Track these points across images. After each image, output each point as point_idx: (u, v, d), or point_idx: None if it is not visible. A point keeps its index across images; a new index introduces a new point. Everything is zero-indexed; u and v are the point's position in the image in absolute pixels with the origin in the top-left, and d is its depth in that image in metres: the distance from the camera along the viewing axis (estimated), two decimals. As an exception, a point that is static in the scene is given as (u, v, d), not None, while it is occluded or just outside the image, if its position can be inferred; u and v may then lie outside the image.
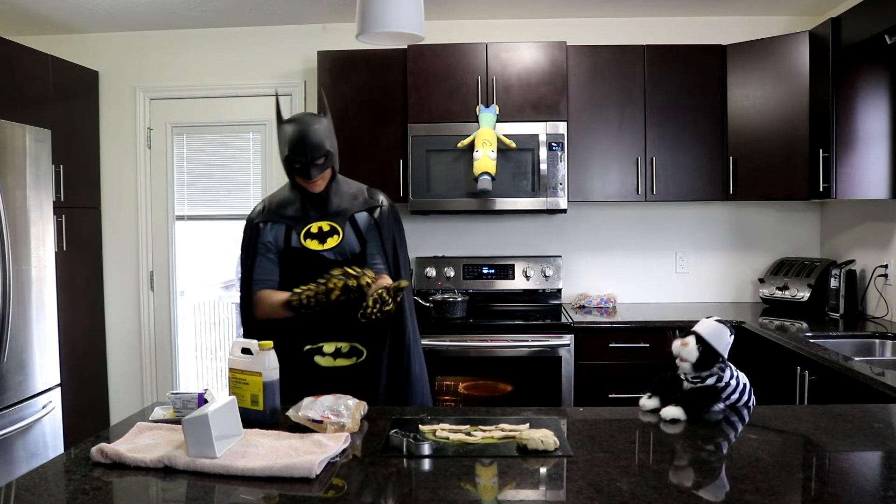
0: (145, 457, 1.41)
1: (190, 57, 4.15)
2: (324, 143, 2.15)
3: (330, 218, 2.24)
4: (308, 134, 2.13)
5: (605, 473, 1.37)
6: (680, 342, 1.78)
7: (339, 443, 1.48)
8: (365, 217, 2.27)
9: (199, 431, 1.40)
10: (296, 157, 2.14)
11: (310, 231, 2.23)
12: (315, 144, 2.13)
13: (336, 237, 2.22)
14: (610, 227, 4.07)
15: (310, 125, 2.15)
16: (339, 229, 2.23)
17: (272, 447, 1.46)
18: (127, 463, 1.40)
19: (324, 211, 2.25)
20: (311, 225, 2.24)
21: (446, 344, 3.37)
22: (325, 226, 2.24)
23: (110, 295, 4.23)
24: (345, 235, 2.23)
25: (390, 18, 1.98)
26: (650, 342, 3.35)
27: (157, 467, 1.40)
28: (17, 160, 3.00)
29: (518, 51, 3.62)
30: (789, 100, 3.44)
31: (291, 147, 2.14)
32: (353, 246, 2.25)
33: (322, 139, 2.15)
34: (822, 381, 2.54)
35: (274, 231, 2.26)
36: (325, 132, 2.17)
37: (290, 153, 2.15)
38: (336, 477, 1.36)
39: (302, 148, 2.13)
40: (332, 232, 2.23)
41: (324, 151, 2.14)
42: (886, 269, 3.33)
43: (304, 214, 2.25)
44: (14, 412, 2.94)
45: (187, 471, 1.38)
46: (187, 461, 1.39)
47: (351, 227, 2.25)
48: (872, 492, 1.28)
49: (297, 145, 2.13)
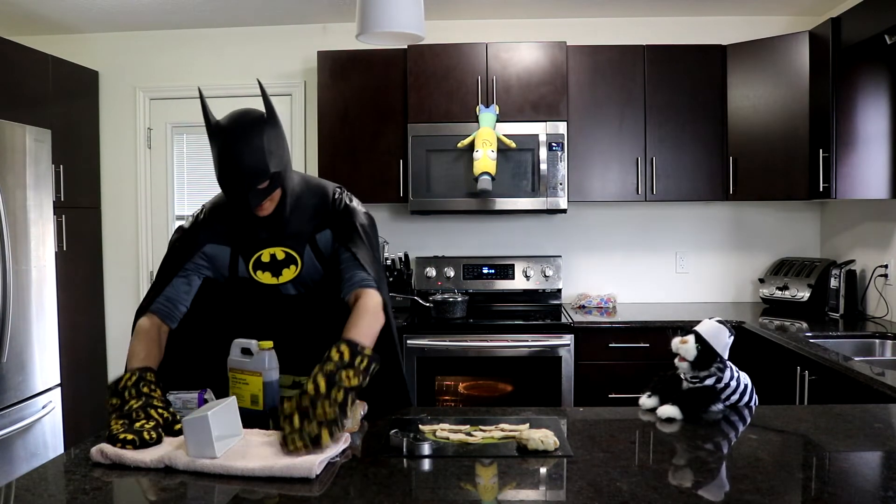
0: (145, 457, 1.41)
1: (190, 57, 4.15)
2: (265, 164, 1.64)
3: (285, 242, 1.80)
4: (241, 156, 1.63)
5: (605, 473, 1.37)
6: (679, 340, 1.79)
7: (338, 443, 1.48)
8: (328, 237, 1.82)
9: (200, 432, 1.40)
10: (227, 185, 1.66)
11: (260, 260, 1.80)
12: (251, 170, 1.63)
13: (293, 268, 1.80)
14: (610, 227, 4.07)
15: (243, 143, 1.63)
16: (297, 257, 1.80)
17: (272, 447, 1.46)
18: (127, 463, 1.40)
19: (277, 233, 1.80)
20: (261, 252, 1.80)
21: (446, 344, 3.37)
22: (278, 253, 1.80)
23: (110, 295, 4.23)
24: (304, 264, 1.81)
25: (390, 18, 1.98)
26: (650, 342, 3.35)
27: (157, 467, 1.39)
28: (17, 160, 3.00)
29: (518, 51, 3.62)
30: (789, 100, 3.44)
31: (221, 172, 1.66)
32: (314, 274, 1.83)
33: (262, 160, 1.64)
34: (822, 381, 2.54)
35: (215, 253, 1.82)
36: (266, 147, 1.65)
37: (219, 178, 1.66)
38: (336, 477, 1.36)
39: (235, 175, 1.64)
40: (289, 261, 1.80)
41: (266, 176, 1.65)
42: (886, 269, 3.33)
43: (253, 236, 1.80)
44: (14, 412, 2.94)
45: (187, 471, 1.38)
46: (187, 461, 1.39)
47: (311, 250, 1.82)
48: (872, 492, 1.28)
49: (228, 171, 1.64)
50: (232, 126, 1.66)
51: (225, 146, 1.65)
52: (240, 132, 1.65)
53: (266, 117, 1.69)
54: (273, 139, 1.68)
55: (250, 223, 1.77)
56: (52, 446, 3.16)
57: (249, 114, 1.70)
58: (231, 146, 1.64)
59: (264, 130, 1.66)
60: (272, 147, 1.67)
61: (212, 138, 1.68)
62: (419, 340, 3.37)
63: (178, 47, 4.15)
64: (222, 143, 1.65)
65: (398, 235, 4.05)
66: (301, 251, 1.81)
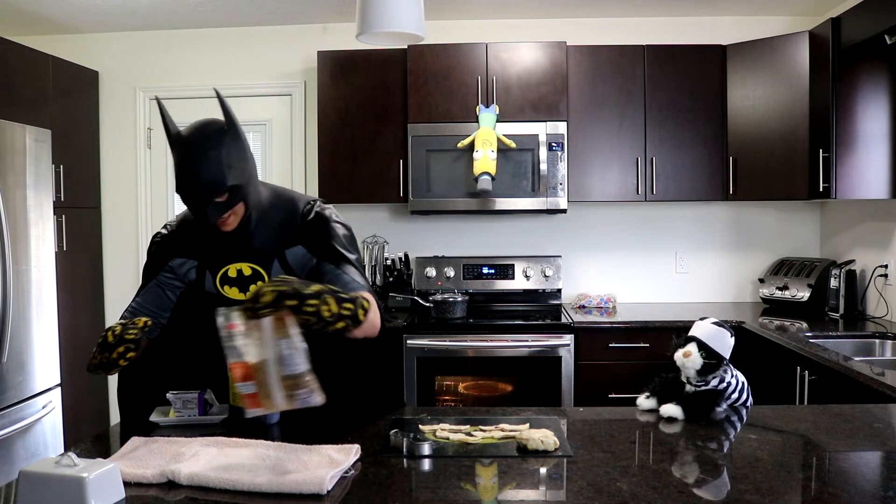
0: (146, 472, 1.35)
1: (190, 57, 4.15)
2: (222, 177, 1.60)
3: (252, 258, 1.76)
4: (198, 169, 1.58)
5: (605, 473, 1.37)
6: (682, 353, 1.76)
7: (349, 455, 1.42)
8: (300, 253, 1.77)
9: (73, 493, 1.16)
10: (185, 197, 1.62)
11: (227, 275, 1.77)
12: (208, 183, 1.59)
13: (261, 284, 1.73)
14: (610, 227, 4.07)
15: (200, 153, 1.59)
16: (264, 274, 1.76)
17: (280, 460, 1.40)
18: (127, 479, 1.31)
19: (243, 248, 1.75)
20: (228, 267, 1.77)
21: (446, 344, 3.37)
22: (245, 269, 1.76)
23: (110, 295, 4.22)
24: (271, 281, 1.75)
25: (390, 18, 1.98)
26: (650, 342, 3.35)
27: (159, 482, 1.33)
28: (17, 160, 3.00)
29: (518, 51, 3.62)
30: (789, 100, 3.44)
31: (178, 183, 1.62)
32: None
33: (220, 172, 1.60)
34: (822, 381, 2.54)
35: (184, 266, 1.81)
36: (224, 161, 1.60)
37: (177, 190, 1.63)
38: (347, 493, 1.29)
39: (191, 187, 1.60)
40: (255, 277, 1.76)
41: (223, 189, 1.61)
42: (886, 269, 3.33)
43: (219, 249, 1.76)
44: (14, 412, 2.94)
45: (191, 485, 1.31)
46: (189, 474, 1.32)
47: (280, 266, 1.77)
48: (872, 492, 1.28)
49: (184, 183, 1.61)
50: (190, 137, 1.62)
51: (183, 157, 1.61)
52: (198, 143, 1.60)
53: (226, 128, 1.65)
54: (233, 151, 1.63)
55: (216, 237, 1.74)
56: (52, 446, 3.16)
57: (210, 125, 1.66)
58: (188, 157, 1.60)
59: (223, 142, 1.62)
60: (231, 160, 1.62)
61: (172, 148, 1.65)
62: (419, 340, 3.37)
63: (177, 47, 4.15)
64: (180, 154, 1.61)
65: (398, 235, 4.05)
66: (268, 268, 1.77)
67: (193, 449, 1.47)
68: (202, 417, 1.73)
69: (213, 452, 1.45)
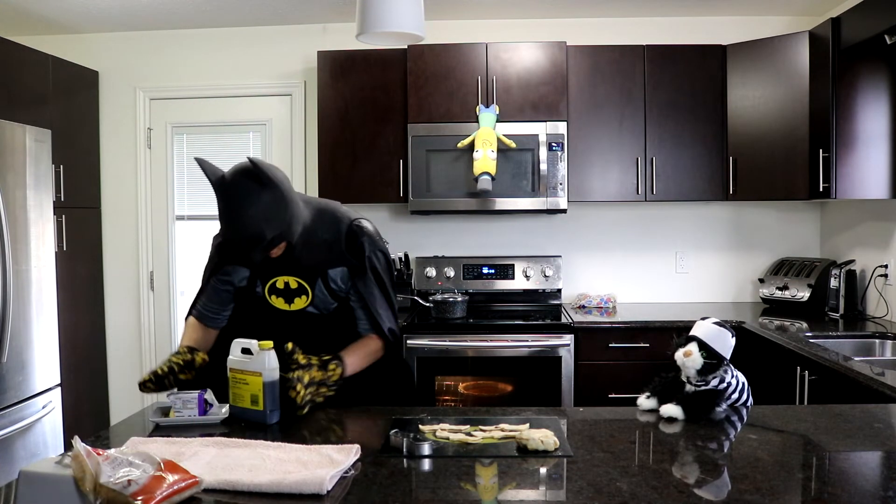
0: None
1: (190, 57, 4.15)
2: (261, 232, 1.69)
3: (299, 273, 1.89)
4: (237, 225, 1.69)
5: (605, 473, 1.37)
6: (683, 353, 1.75)
7: (349, 455, 1.42)
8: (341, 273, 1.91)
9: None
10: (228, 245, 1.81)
11: (275, 286, 1.91)
12: (247, 239, 1.70)
13: (304, 298, 1.90)
14: (610, 227, 4.07)
15: (240, 211, 1.67)
16: (308, 289, 1.90)
17: (280, 460, 1.40)
18: None
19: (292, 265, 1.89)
20: (276, 279, 1.91)
21: (446, 344, 3.37)
22: (292, 282, 1.89)
23: (110, 295, 4.23)
24: (314, 296, 1.91)
25: (390, 18, 1.98)
26: (650, 342, 3.35)
27: None
28: (17, 160, 3.00)
29: (518, 51, 3.62)
30: (789, 100, 3.44)
31: (222, 231, 1.75)
32: (326, 304, 1.94)
33: (257, 228, 1.68)
34: (822, 381, 2.54)
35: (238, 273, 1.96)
36: (263, 213, 1.68)
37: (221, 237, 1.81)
38: (348, 494, 1.30)
39: (233, 239, 1.74)
40: (301, 291, 1.90)
41: (263, 242, 1.71)
42: (886, 269, 3.33)
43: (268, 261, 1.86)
44: (14, 412, 2.94)
45: None
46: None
47: (323, 284, 1.91)
48: (872, 492, 1.28)
49: (227, 234, 1.74)
50: (230, 192, 1.69)
51: (223, 208, 1.71)
52: (236, 201, 1.68)
53: (262, 182, 1.69)
54: (270, 204, 1.69)
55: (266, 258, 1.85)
56: (52, 446, 3.16)
57: (245, 180, 1.69)
58: (228, 211, 1.70)
59: (260, 198, 1.68)
60: (269, 214, 1.69)
61: (215, 191, 1.73)
62: (419, 340, 3.37)
63: (178, 47, 4.15)
64: (220, 208, 1.72)
65: (398, 235, 4.05)
66: (313, 284, 1.90)
67: (193, 449, 1.47)
68: (202, 417, 1.73)
69: (213, 452, 1.45)
